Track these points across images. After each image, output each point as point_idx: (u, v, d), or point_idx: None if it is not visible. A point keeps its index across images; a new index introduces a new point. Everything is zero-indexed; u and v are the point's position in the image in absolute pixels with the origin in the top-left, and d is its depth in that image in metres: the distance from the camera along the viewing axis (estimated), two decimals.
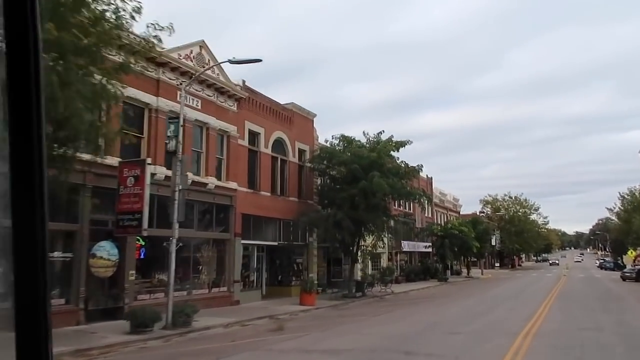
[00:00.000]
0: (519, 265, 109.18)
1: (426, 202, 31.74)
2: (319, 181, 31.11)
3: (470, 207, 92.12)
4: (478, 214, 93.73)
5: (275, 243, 27.50)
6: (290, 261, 29.50)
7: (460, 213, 72.57)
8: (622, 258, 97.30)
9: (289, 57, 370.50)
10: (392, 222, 33.86)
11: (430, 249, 51.32)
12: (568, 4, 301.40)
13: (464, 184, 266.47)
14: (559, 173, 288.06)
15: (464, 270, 63.79)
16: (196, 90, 21.68)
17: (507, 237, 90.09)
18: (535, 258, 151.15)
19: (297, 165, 29.58)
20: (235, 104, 24.40)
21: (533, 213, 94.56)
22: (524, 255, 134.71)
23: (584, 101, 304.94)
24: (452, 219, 56.91)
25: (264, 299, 25.93)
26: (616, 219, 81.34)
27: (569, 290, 34.48)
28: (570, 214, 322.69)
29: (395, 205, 46.45)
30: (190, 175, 20.91)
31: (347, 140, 29.39)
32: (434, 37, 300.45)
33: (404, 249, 47.02)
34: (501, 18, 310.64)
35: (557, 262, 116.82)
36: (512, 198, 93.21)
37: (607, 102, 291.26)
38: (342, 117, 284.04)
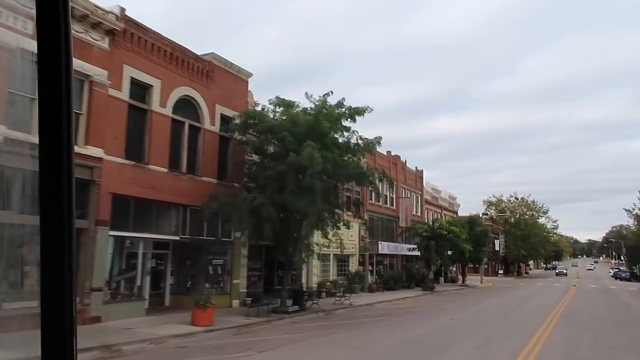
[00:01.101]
0: (526, 272, 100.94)
1: (378, 183, 24.22)
2: (254, 158, 23.85)
3: (478, 212, 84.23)
4: (481, 216, 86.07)
5: (177, 237, 20.35)
6: (204, 263, 22.31)
7: (459, 214, 64.76)
8: (638, 267, 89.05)
9: (303, 59, 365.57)
10: (358, 212, 26.14)
11: (418, 253, 43.78)
12: (584, 11, 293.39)
13: (475, 189, 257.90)
14: (572, 180, 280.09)
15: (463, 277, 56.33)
16: (24, 5, 14.63)
17: (512, 242, 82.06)
18: (544, 265, 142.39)
19: (218, 135, 22.40)
20: (107, 40, 17.32)
21: (541, 216, 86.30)
22: (532, 262, 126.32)
23: (598, 108, 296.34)
24: (445, 219, 49.27)
25: (159, 312, 18.87)
26: (635, 222, 73.11)
27: (578, 308, 26.96)
28: (582, 221, 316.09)
29: (372, 200, 39.23)
30: (1, 128, 13.92)
31: (284, 104, 22.20)
32: (448, 41, 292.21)
33: (382, 251, 39.63)
34: (517, 23, 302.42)
35: (564, 271, 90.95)
36: (518, 199, 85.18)
37: (622, 109, 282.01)
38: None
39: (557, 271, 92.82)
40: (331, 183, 21.41)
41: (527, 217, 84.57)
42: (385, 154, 42.62)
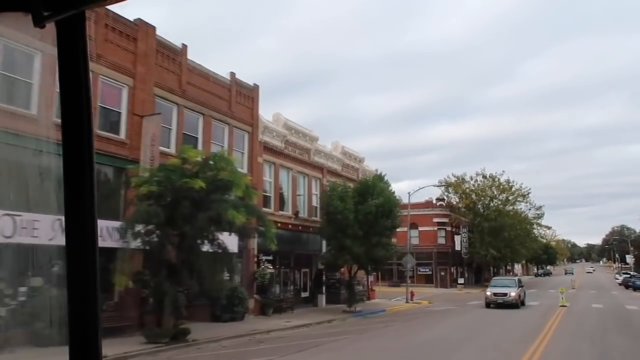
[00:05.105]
0: None
1: None
2: None
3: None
4: (434, 202, 60.99)
5: None
6: None
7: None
8: None
9: (300, 68, 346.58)
10: None
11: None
12: (583, 15, 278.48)
13: None
14: (571, 185, 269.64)
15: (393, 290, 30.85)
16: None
17: (479, 238, 56.88)
18: (536, 271, 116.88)
19: None
20: None
21: (519, 201, 60.83)
22: (521, 266, 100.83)
23: (597, 113, 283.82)
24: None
25: None
26: None
27: None
28: (581, 227, 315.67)
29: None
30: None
31: None
32: (447, 47, 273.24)
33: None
34: (515, 29, 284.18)
35: (509, 294, 29.94)
36: (486, 178, 59.73)
37: (621, 113, 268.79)
38: (353, 128, 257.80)
39: (488, 293, 31.61)
40: None
41: (499, 202, 59.45)
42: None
